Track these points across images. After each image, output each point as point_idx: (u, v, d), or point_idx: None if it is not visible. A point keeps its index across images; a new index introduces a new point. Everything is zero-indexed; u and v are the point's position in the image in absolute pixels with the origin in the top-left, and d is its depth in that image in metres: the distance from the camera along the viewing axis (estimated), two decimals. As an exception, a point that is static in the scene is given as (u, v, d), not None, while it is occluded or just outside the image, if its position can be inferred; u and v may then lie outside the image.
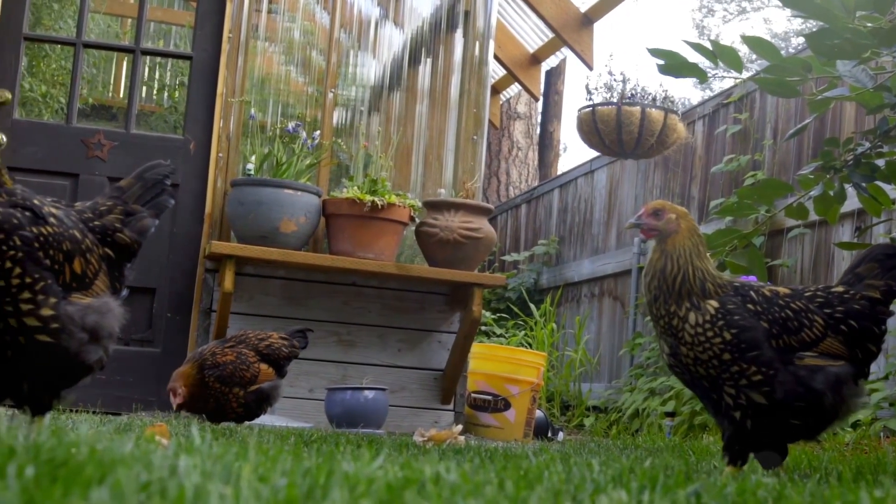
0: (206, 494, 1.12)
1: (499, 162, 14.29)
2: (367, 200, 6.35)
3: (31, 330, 2.70)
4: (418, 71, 7.23)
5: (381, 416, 6.27)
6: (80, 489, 1.11)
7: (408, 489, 1.36)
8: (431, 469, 1.57)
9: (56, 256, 2.77)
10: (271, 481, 1.28)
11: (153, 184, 3.38)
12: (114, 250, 3.12)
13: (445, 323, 7.01)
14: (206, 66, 6.94)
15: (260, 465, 1.42)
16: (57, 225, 2.80)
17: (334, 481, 1.31)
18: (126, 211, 3.22)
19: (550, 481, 1.75)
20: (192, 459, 1.35)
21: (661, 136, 7.26)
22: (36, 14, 10.18)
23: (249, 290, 6.69)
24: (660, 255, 3.57)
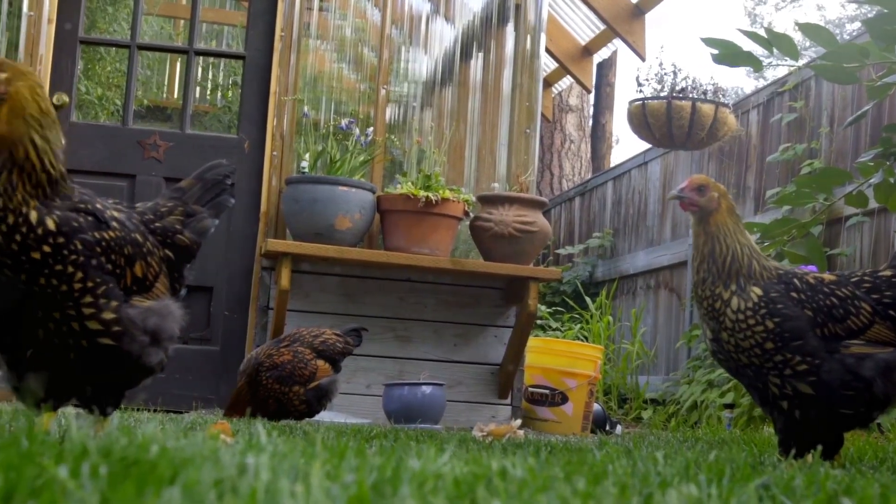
0: (278, 493, 1.12)
1: (551, 155, 14.25)
2: (422, 196, 6.35)
3: (94, 333, 2.72)
4: (470, 65, 7.22)
5: (438, 412, 6.27)
6: (153, 488, 1.12)
7: (476, 485, 1.36)
8: (498, 464, 1.57)
9: (118, 261, 2.78)
10: (340, 478, 1.28)
11: (213, 184, 3.39)
12: (173, 252, 3.13)
13: (501, 317, 7.00)
14: (259, 66, 6.98)
15: (327, 462, 1.42)
16: (119, 229, 2.81)
17: (403, 478, 1.31)
18: (187, 212, 3.22)
19: (616, 475, 1.74)
20: (260, 457, 1.35)
21: (712, 129, 7.19)
22: (91, 17, 10.29)
23: (306, 288, 6.72)
24: (705, 238, 3.54)
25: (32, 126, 2.76)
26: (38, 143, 2.74)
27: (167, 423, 3.43)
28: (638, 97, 7.41)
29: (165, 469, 1.18)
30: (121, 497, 1.08)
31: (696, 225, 3.61)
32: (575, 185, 13.40)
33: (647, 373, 9.47)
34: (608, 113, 14.43)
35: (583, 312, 10.31)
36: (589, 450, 2.75)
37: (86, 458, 1.25)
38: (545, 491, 1.37)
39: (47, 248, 2.65)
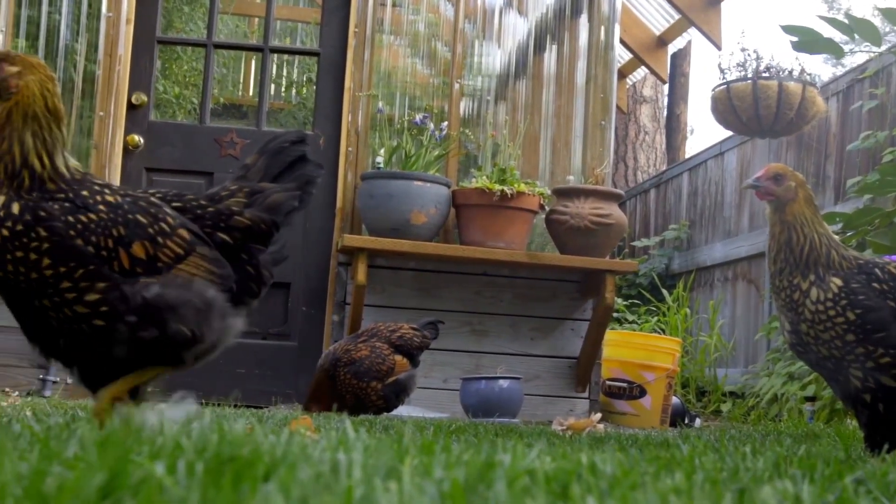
0: (372, 490, 1.12)
1: (626, 147, 14.15)
2: (497, 190, 6.34)
3: (84, 317, 2.70)
4: (543, 58, 7.19)
5: (516, 406, 6.26)
6: (248, 485, 1.12)
7: (568, 481, 1.35)
8: (587, 459, 1.55)
9: (102, 242, 2.71)
10: (431, 475, 1.28)
11: (277, 152, 3.15)
12: (231, 235, 2.96)
13: (578, 310, 6.97)
14: (334, 62, 7.02)
15: (415, 458, 1.42)
16: (106, 212, 2.74)
17: (496, 474, 1.30)
18: (252, 191, 3.04)
19: (705, 470, 1.72)
20: (353, 454, 1.36)
21: (801, 109, 7.06)
22: (167, 17, 10.42)
23: (382, 283, 6.74)
24: (782, 228, 3.48)
25: (29, 125, 2.78)
26: (27, 141, 2.75)
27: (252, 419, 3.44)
28: (722, 82, 7.32)
29: (260, 467, 1.19)
30: (219, 495, 1.08)
31: (772, 214, 3.56)
32: (650, 176, 13.28)
33: (725, 365, 9.36)
34: (683, 103, 14.28)
35: (659, 305, 10.23)
36: (675, 444, 2.72)
37: (181, 455, 1.27)
38: (637, 488, 1.35)
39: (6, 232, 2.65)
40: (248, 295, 3.03)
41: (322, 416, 4.73)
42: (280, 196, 3.05)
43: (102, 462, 1.10)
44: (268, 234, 3.03)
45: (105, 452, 1.17)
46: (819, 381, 6.98)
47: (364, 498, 1.10)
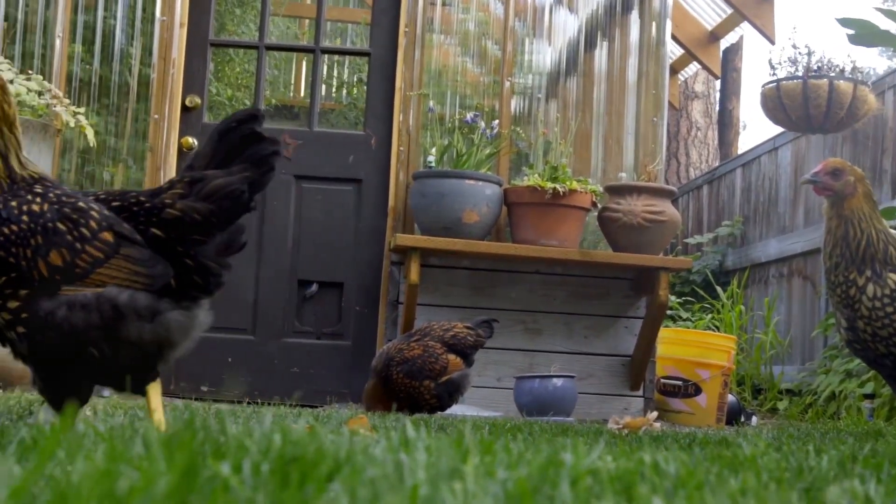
0: (437, 490, 1.12)
1: (677, 143, 14.06)
2: (549, 188, 6.33)
3: (9, 324, 2.74)
4: (594, 55, 7.16)
5: (570, 404, 6.25)
6: (314, 485, 1.13)
7: (632, 480, 1.34)
8: (650, 458, 1.55)
9: (21, 252, 2.72)
10: (494, 475, 1.28)
11: (222, 134, 2.89)
12: (164, 229, 2.84)
13: (631, 308, 6.94)
14: (384, 62, 7.04)
15: (477, 458, 1.42)
16: (27, 222, 2.74)
17: (561, 474, 1.30)
18: (192, 180, 2.86)
19: (768, 470, 1.71)
20: (416, 454, 1.36)
21: (852, 108, 6.99)
22: (220, 20, 10.51)
23: (435, 282, 6.75)
24: (839, 222, 3.44)
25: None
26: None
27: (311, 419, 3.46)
28: (771, 79, 7.25)
29: (325, 467, 1.20)
30: (286, 496, 1.09)
31: (829, 209, 3.52)
32: (702, 172, 13.19)
33: (781, 363, 9.28)
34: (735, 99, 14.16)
35: (713, 302, 10.15)
36: (735, 443, 2.70)
37: (245, 455, 1.28)
38: (703, 487, 1.34)
39: None
40: (195, 288, 2.90)
41: (377, 415, 4.75)
42: (220, 182, 2.84)
43: (171, 463, 1.11)
44: (204, 223, 2.85)
45: (172, 453, 1.18)
46: (878, 378, 6.90)
47: (429, 498, 1.10)
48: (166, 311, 2.83)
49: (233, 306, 6.76)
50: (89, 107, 6.66)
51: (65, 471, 1.26)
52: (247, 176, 2.87)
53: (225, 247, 2.95)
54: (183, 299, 2.89)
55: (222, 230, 2.91)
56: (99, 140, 6.52)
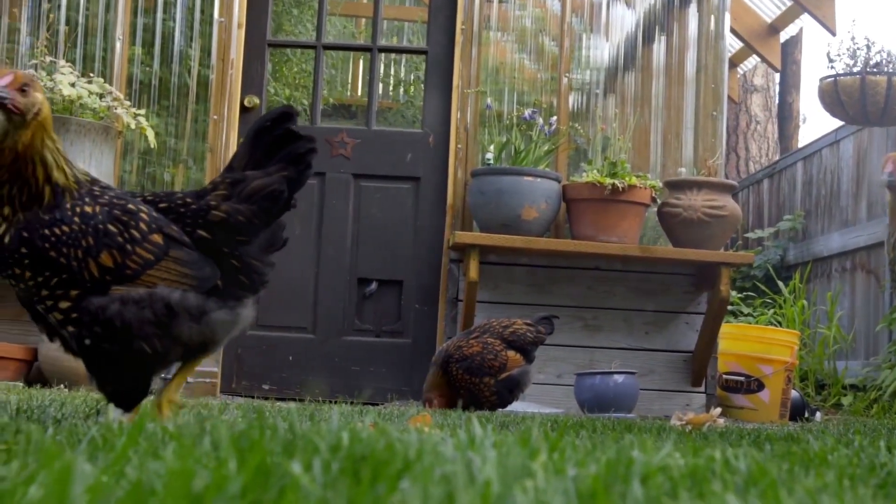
0: (509, 488, 1.12)
1: (737, 137, 13.93)
2: (608, 183, 6.30)
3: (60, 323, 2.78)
4: (652, 49, 7.11)
5: (631, 400, 6.21)
6: (386, 483, 1.13)
7: (702, 477, 1.33)
8: (721, 455, 1.53)
9: (72, 253, 2.74)
10: (564, 473, 1.28)
11: (258, 135, 2.92)
12: (209, 231, 2.88)
13: (692, 304, 6.88)
14: (441, 60, 7.04)
15: (546, 456, 1.41)
16: (79, 223, 2.77)
17: (634, 471, 1.29)
18: (233, 181, 2.90)
19: (839, 466, 1.68)
20: (486, 452, 1.36)
21: (910, 105, 6.88)
22: (277, 21, 10.57)
23: (494, 279, 6.74)
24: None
25: (45, 141, 2.81)
26: (48, 158, 2.80)
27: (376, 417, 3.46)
28: (829, 74, 7.17)
29: (396, 465, 1.20)
30: (358, 494, 1.09)
31: (893, 202, 3.47)
32: (762, 166, 13.05)
33: (845, 358, 9.16)
34: (795, 92, 14.01)
35: (775, 297, 10.04)
36: (802, 439, 2.67)
37: (315, 454, 1.28)
38: (777, 485, 1.33)
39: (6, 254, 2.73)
40: (240, 287, 2.93)
41: (439, 412, 4.75)
42: (260, 182, 2.88)
43: (242, 462, 1.11)
44: (248, 224, 2.89)
45: (243, 452, 1.19)
46: (944, 373, 6.79)
47: (501, 496, 1.10)
48: (212, 311, 2.88)
49: (293, 305, 6.81)
50: (149, 108, 6.72)
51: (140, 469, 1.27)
52: (285, 175, 2.89)
53: (268, 245, 2.99)
54: (229, 298, 2.92)
55: (265, 229, 2.95)
56: (159, 141, 6.59)
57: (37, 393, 4.80)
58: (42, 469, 1.31)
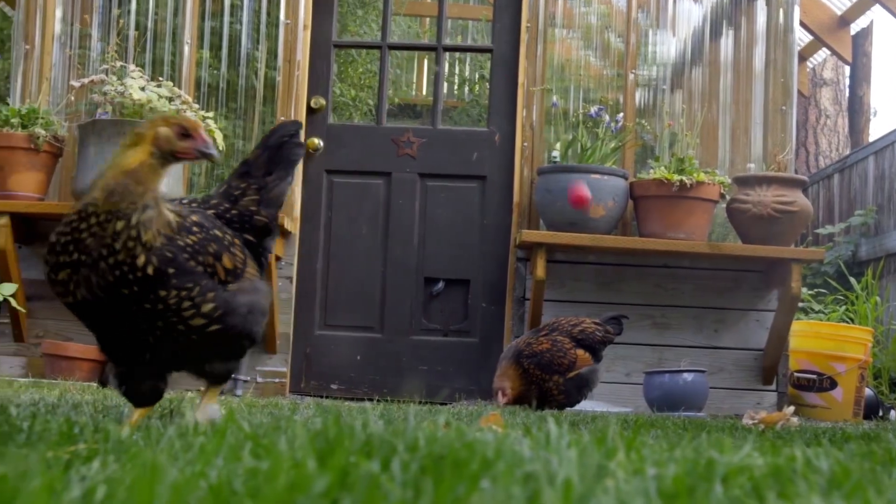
0: (590, 488, 1.11)
1: (806, 132, 13.75)
2: (675, 180, 6.25)
3: (202, 327, 2.81)
4: (719, 44, 7.04)
5: (701, 399, 6.16)
6: (466, 483, 1.13)
7: (785, 478, 1.31)
8: (801, 455, 1.51)
9: (206, 260, 2.83)
10: (643, 472, 1.27)
11: (278, 147, 3.26)
12: (254, 234, 3.15)
13: (762, 301, 6.81)
14: (506, 58, 7.03)
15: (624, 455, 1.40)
16: (199, 231, 2.84)
17: (716, 471, 1.27)
18: (259, 187, 3.18)
19: (922, 466, 1.65)
20: (565, 451, 1.35)
21: None
22: (342, 22, 10.62)
23: (561, 277, 6.72)
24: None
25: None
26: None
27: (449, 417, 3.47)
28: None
29: (475, 465, 1.20)
30: (438, 494, 1.09)
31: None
32: (832, 161, 12.87)
33: (919, 355, 9.00)
34: (865, 85, 13.78)
35: (847, 294, 9.90)
36: (884, 438, 2.62)
37: (394, 454, 1.28)
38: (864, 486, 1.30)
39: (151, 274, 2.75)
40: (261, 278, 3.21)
41: (507, 412, 4.74)
42: (279, 188, 3.23)
43: (321, 461, 1.12)
44: (275, 224, 3.23)
45: (321, 451, 1.19)
46: None
47: (583, 496, 1.09)
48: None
49: (360, 305, 6.84)
50: (217, 111, 6.79)
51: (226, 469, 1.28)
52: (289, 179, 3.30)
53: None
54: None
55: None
56: (227, 143, 6.65)
57: (110, 393, 4.87)
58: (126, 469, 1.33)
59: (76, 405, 3.34)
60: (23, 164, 6.38)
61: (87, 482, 1.32)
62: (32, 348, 6.66)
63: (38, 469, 1.20)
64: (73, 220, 2.72)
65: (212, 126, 6.33)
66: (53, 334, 6.64)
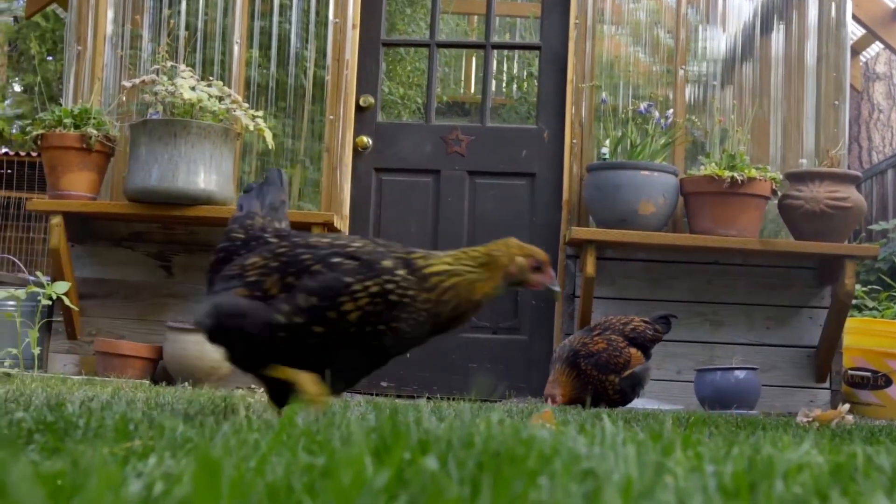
0: (650, 486, 1.10)
1: (858, 127, 13.59)
2: (726, 176, 6.21)
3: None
4: (770, 39, 6.98)
5: (753, 397, 6.11)
6: (524, 480, 1.12)
7: (846, 476, 1.29)
8: (862, 453, 1.49)
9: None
10: (702, 469, 1.25)
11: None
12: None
13: (815, 298, 6.74)
14: (555, 55, 7.01)
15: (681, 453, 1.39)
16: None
17: (776, 469, 1.26)
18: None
19: None
20: (624, 448, 1.34)
21: None
22: (390, 20, 10.64)
23: (611, 274, 6.69)
24: None
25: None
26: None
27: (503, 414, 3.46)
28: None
29: (532, 461, 1.19)
30: (497, 491, 1.09)
31: None
32: (886, 156, 12.71)
33: (975, 352, 8.87)
34: (919, 79, 13.61)
35: (901, 290, 9.77)
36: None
37: (450, 450, 1.28)
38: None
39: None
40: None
41: (558, 409, 4.73)
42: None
43: (377, 457, 1.12)
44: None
45: (376, 448, 1.19)
46: None
47: (643, 494, 1.08)
48: None
49: (410, 302, 6.83)
50: (267, 110, 6.82)
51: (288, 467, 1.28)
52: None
53: None
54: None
55: None
56: (277, 142, 6.68)
57: (163, 390, 4.91)
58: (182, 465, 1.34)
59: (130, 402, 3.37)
60: (75, 164, 6.45)
61: (144, 478, 1.33)
62: (85, 346, 6.73)
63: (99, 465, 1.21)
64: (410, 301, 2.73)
65: (261, 125, 6.37)
66: (106, 332, 6.71)
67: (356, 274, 2.69)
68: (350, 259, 2.72)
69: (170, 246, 6.84)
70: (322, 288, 2.69)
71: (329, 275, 2.70)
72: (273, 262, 2.80)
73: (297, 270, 2.75)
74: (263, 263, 2.81)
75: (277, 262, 2.80)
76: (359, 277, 2.69)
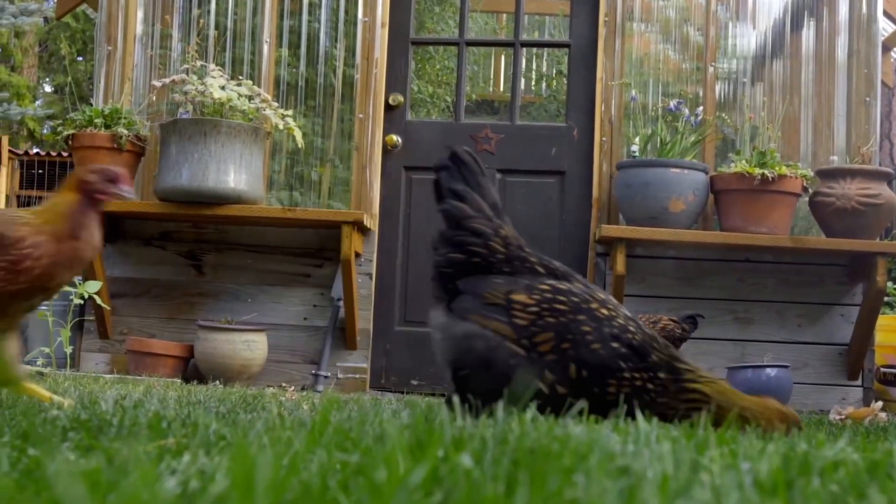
0: (687, 483, 1.10)
1: (889, 123, 13.49)
2: (757, 173, 6.18)
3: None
4: (801, 35, 6.94)
5: (785, 394, 6.08)
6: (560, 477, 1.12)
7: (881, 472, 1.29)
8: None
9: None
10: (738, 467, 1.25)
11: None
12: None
13: (847, 295, 6.69)
14: (584, 52, 6.99)
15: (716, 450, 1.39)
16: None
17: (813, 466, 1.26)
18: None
19: None
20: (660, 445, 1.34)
21: None
22: (419, 19, 10.65)
23: (641, 272, 6.67)
24: None
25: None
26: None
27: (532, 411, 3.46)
28: None
29: (566, 459, 1.19)
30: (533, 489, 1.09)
31: None
32: (917, 153, 12.61)
33: None
34: (951, 74, 13.49)
35: (933, 288, 9.70)
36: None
37: (484, 447, 1.28)
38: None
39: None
40: None
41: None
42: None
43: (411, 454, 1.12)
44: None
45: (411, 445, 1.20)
46: None
47: (679, 491, 1.08)
48: None
49: (440, 301, 6.84)
50: (296, 109, 6.84)
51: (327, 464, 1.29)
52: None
53: None
54: None
55: None
56: (306, 141, 6.70)
57: (195, 389, 4.94)
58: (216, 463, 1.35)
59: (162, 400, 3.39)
60: (106, 163, 6.49)
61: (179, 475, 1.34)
62: (117, 345, 6.78)
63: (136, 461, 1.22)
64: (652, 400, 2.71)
65: (291, 124, 6.39)
66: (137, 331, 6.75)
67: (628, 360, 2.68)
68: (627, 347, 2.70)
69: (200, 245, 6.87)
70: (598, 366, 2.66)
71: (606, 353, 2.68)
72: (548, 315, 2.74)
73: (575, 340, 2.69)
74: (536, 311, 2.75)
75: (555, 320, 2.73)
76: (629, 366, 2.67)
